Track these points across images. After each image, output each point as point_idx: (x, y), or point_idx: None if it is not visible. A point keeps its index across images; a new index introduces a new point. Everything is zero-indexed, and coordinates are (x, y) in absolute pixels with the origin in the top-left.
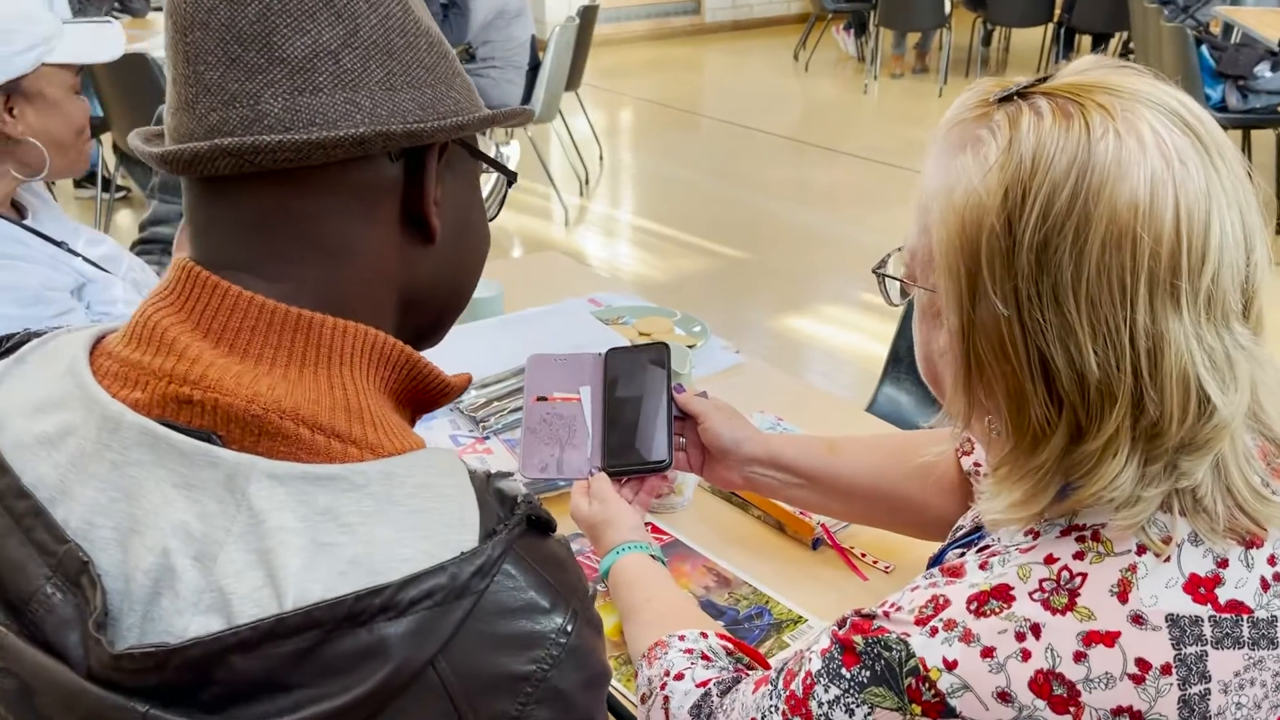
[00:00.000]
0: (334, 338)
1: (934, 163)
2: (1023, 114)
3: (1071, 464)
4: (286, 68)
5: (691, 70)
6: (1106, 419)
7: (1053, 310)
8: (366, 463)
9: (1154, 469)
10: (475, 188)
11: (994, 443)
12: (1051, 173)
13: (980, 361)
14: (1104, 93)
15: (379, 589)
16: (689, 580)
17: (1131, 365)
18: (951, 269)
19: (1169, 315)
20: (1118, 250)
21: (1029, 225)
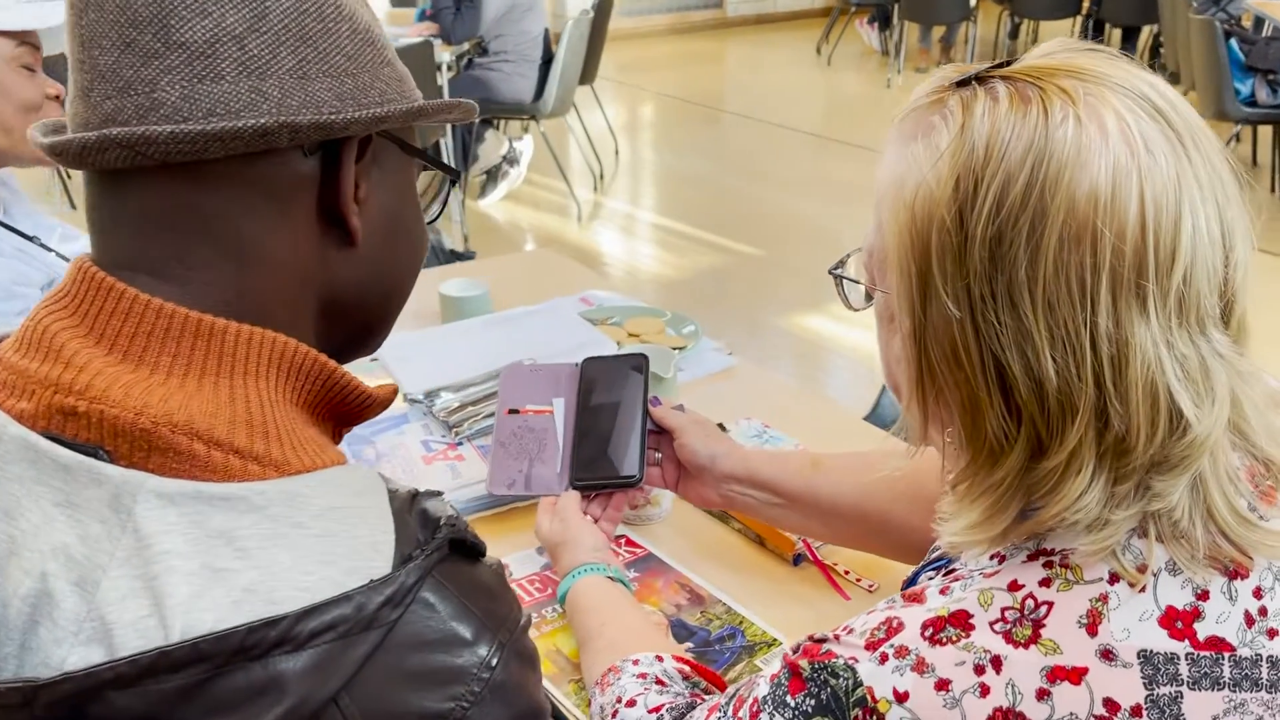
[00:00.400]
0: (238, 345)
1: (888, 154)
2: (978, 99)
3: (1033, 482)
4: (185, 53)
5: (713, 64)
6: (1068, 432)
7: (1007, 312)
8: (269, 481)
9: (1123, 489)
10: (408, 186)
11: (952, 457)
12: (1006, 161)
13: (932, 368)
14: (1067, 76)
15: (275, 620)
16: (660, 597)
17: (1093, 373)
18: (902, 267)
19: (1134, 319)
20: (1076, 246)
21: (981, 218)
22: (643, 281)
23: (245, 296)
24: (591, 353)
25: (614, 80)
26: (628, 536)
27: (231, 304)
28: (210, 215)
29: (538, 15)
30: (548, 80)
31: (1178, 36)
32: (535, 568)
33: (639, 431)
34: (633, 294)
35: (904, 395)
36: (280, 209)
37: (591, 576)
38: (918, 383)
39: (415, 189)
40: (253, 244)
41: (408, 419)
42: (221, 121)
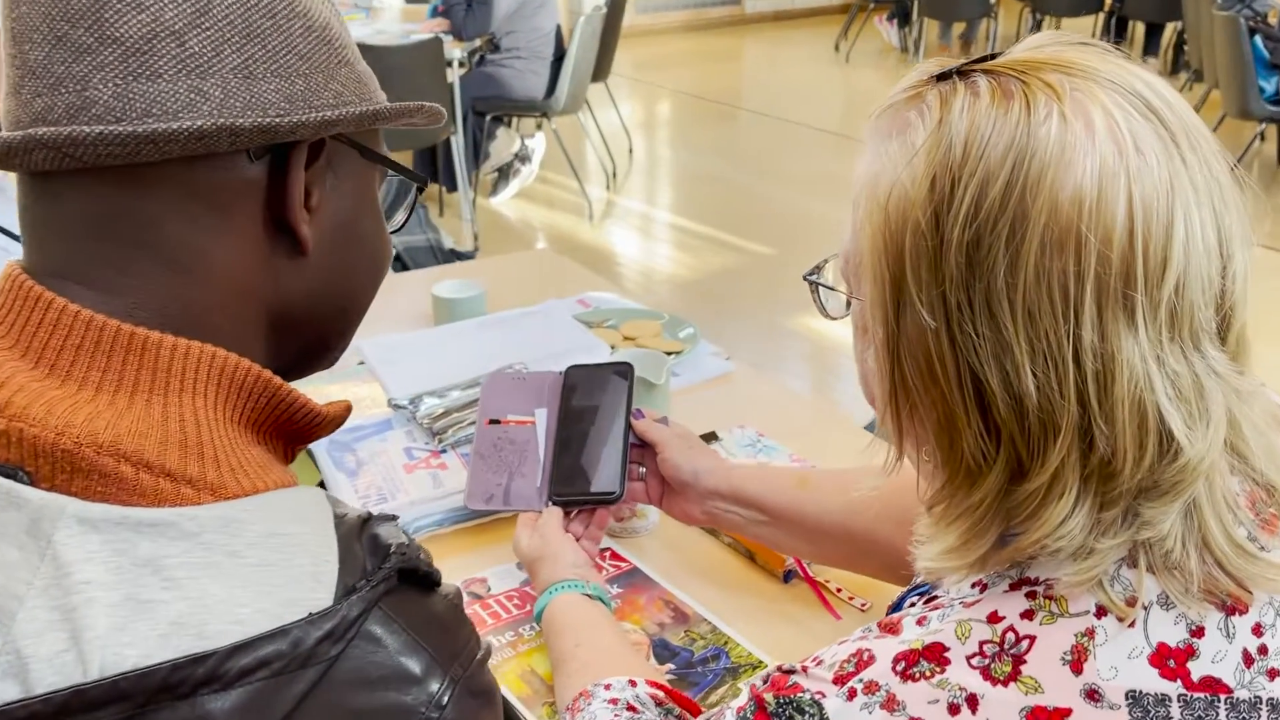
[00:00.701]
0: (174, 360)
1: (864, 153)
2: (957, 93)
3: (1013, 505)
4: (120, 48)
5: (730, 62)
6: (1049, 453)
7: (985, 322)
8: (202, 506)
9: (1109, 515)
10: (368, 193)
11: (928, 476)
12: (985, 160)
13: (906, 382)
14: (1054, 70)
15: (202, 656)
16: (643, 615)
17: (1076, 390)
18: (876, 274)
19: (1121, 332)
20: (1059, 252)
21: (958, 221)
22: (654, 281)
23: (185, 308)
24: (585, 356)
25: (629, 78)
26: (612, 549)
27: (170, 316)
28: (146, 222)
29: (550, 11)
30: (559, 77)
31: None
32: (514, 583)
33: (621, 445)
34: (644, 294)
35: (879, 410)
36: (223, 216)
37: (568, 594)
38: (891, 397)
39: (376, 196)
40: (193, 253)
41: (391, 425)
42: (156, 123)
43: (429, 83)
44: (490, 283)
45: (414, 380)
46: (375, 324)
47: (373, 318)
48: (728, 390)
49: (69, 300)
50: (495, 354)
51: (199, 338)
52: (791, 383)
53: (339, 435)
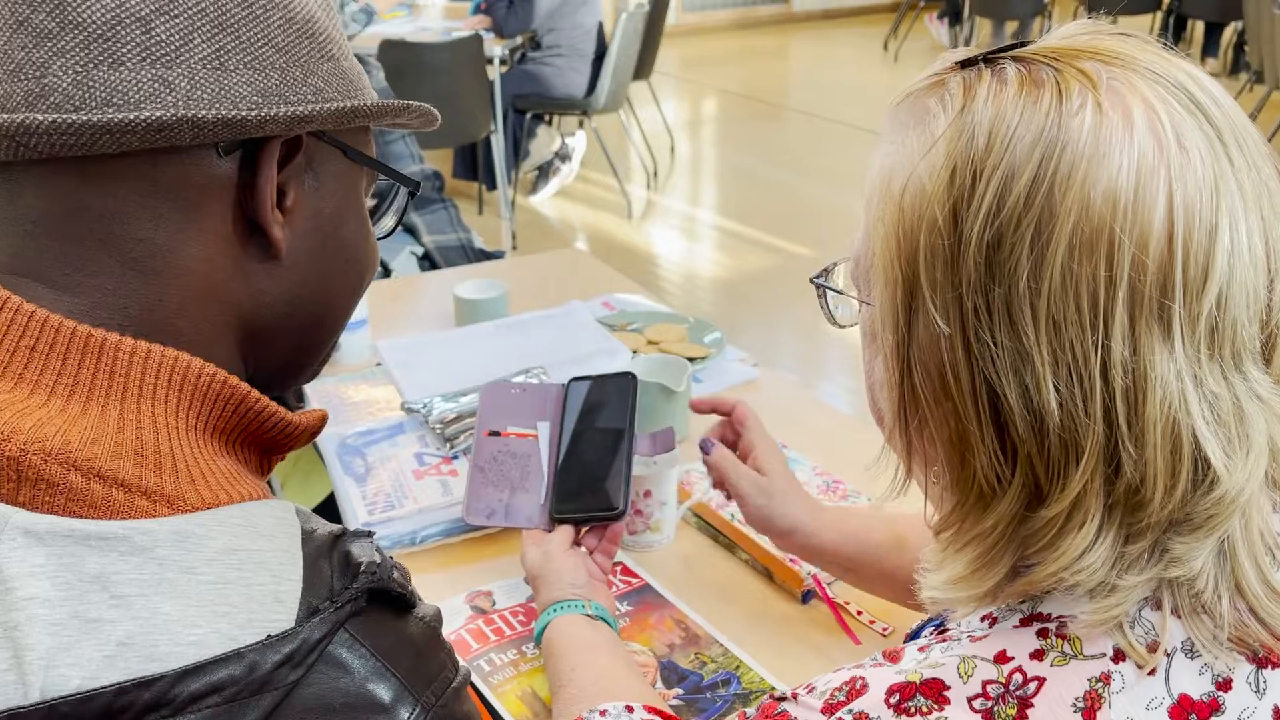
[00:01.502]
0: (132, 364)
1: (880, 146)
2: (982, 80)
3: (1029, 533)
4: (82, 34)
5: (777, 60)
6: (1070, 477)
7: (1005, 330)
8: (157, 520)
9: (1135, 549)
10: (352, 196)
11: (937, 499)
12: (1011, 152)
13: (916, 394)
14: (1090, 58)
15: (150, 680)
16: (653, 634)
17: (1103, 408)
18: (887, 275)
19: (1155, 346)
20: (1089, 255)
21: (978, 218)
22: (691, 282)
23: (148, 310)
24: (605, 360)
25: (674, 76)
26: (624, 564)
27: (131, 318)
28: (107, 218)
29: (592, 8)
30: (600, 75)
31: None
32: (521, 598)
33: (625, 459)
34: (682, 295)
35: (885, 425)
36: (190, 215)
37: (568, 615)
38: (899, 411)
39: (361, 200)
40: (157, 252)
41: (404, 429)
42: (115, 112)
43: (469, 80)
44: (516, 283)
45: (430, 383)
46: (397, 325)
47: (394, 318)
48: (753, 398)
49: (24, 299)
50: (513, 357)
51: (162, 341)
52: (828, 389)
53: (350, 439)
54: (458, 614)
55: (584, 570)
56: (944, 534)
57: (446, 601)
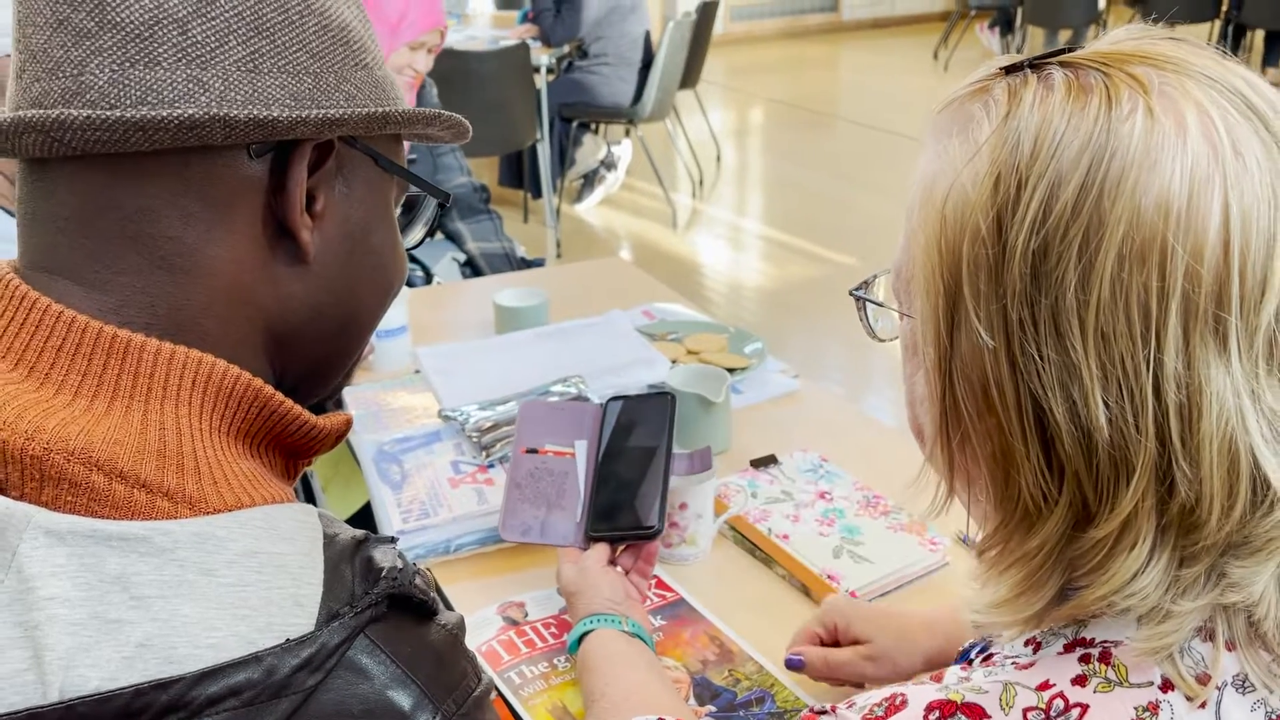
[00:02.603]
0: (156, 365)
1: (923, 156)
2: (1028, 86)
3: (1076, 554)
4: (120, 34)
5: (825, 69)
6: (1120, 497)
7: (1051, 343)
8: (178, 521)
9: (1191, 573)
10: (382, 205)
11: (980, 518)
12: (1058, 159)
13: (958, 409)
14: (1141, 63)
15: (168, 682)
16: (686, 650)
17: (1155, 425)
18: (929, 286)
19: (1211, 360)
20: (1140, 265)
21: (1024, 226)
22: (736, 291)
23: (174, 309)
24: (644, 370)
25: (721, 85)
26: (659, 578)
27: (158, 316)
28: (137, 215)
29: (640, 17)
30: (647, 83)
31: None
32: (553, 610)
33: (661, 478)
34: (727, 304)
35: (927, 442)
36: (219, 215)
37: (603, 630)
38: (941, 426)
39: (391, 209)
40: (186, 251)
41: (440, 437)
42: (149, 110)
43: (515, 89)
44: (558, 291)
45: (467, 390)
46: (437, 332)
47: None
48: (794, 410)
49: (55, 298)
50: (552, 365)
51: (188, 341)
52: (873, 402)
53: (386, 446)
54: (489, 625)
55: (620, 587)
56: (987, 554)
57: (479, 612)
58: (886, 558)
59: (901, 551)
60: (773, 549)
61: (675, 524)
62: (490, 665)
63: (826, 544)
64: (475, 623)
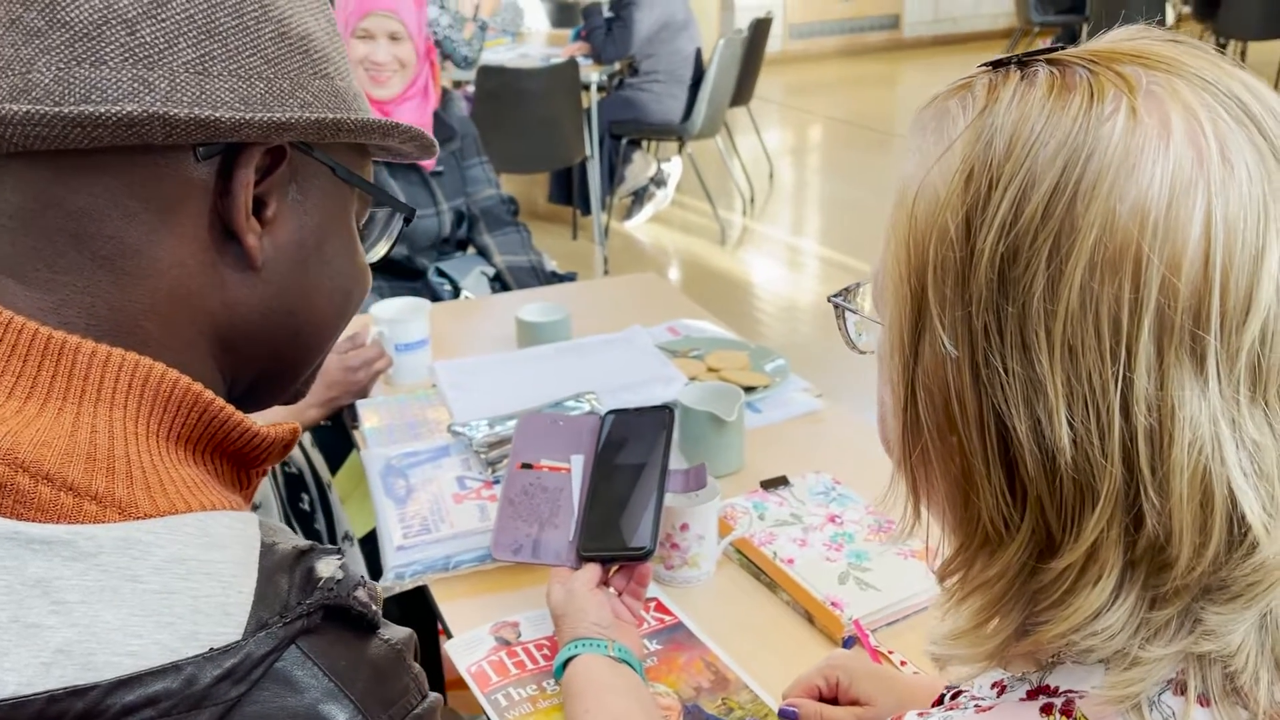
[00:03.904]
0: (91, 367)
1: (903, 157)
2: (1008, 82)
3: (1039, 587)
4: (68, 33)
5: (885, 87)
6: (1085, 525)
7: (1016, 355)
8: (104, 525)
9: (1161, 616)
10: (339, 215)
11: (946, 541)
12: (1032, 157)
13: (919, 424)
14: (1132, 62)
15: (83, 689)
16: (681, 676)
17: (1123, 449)
18: (897, 291)
19: (1186, 382)
20: (1112, 275)
21: (993, 228)
22: (786, 310)
23: (115, 311)
24: (661, 387)
25: (778, 103)
26: (659, 600)
27: (98, 318)
28: (79, 214)
29: (691, 35)
30: (696, 100)
31: None
32: (548, 631)
33: (655, 497)
34: (773, 322)
35: (894, 457)
36: (163, 217)
37: (589, 655)
38: (903, 440)
39: (349, 220)
40: (128, 252)
41: (449, 452)
42: (91, 107)
43: (564, 105)
44: (586, 307)
45: (481, 405)
46: (459, 346)
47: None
48: (813, 430)
49: None
50: (568, 381)
51: (129, 344)
52: None
53: (394, 460)
54: (481, 644)
55: (609, 610)
56: (946, 580)
57: (471, 631)
58: (894, 586)
59: (910, 580)
60: (776, 573)
61: (676, 545)
62: (479, 686)
63: (833, 569)
64: (467, 642)
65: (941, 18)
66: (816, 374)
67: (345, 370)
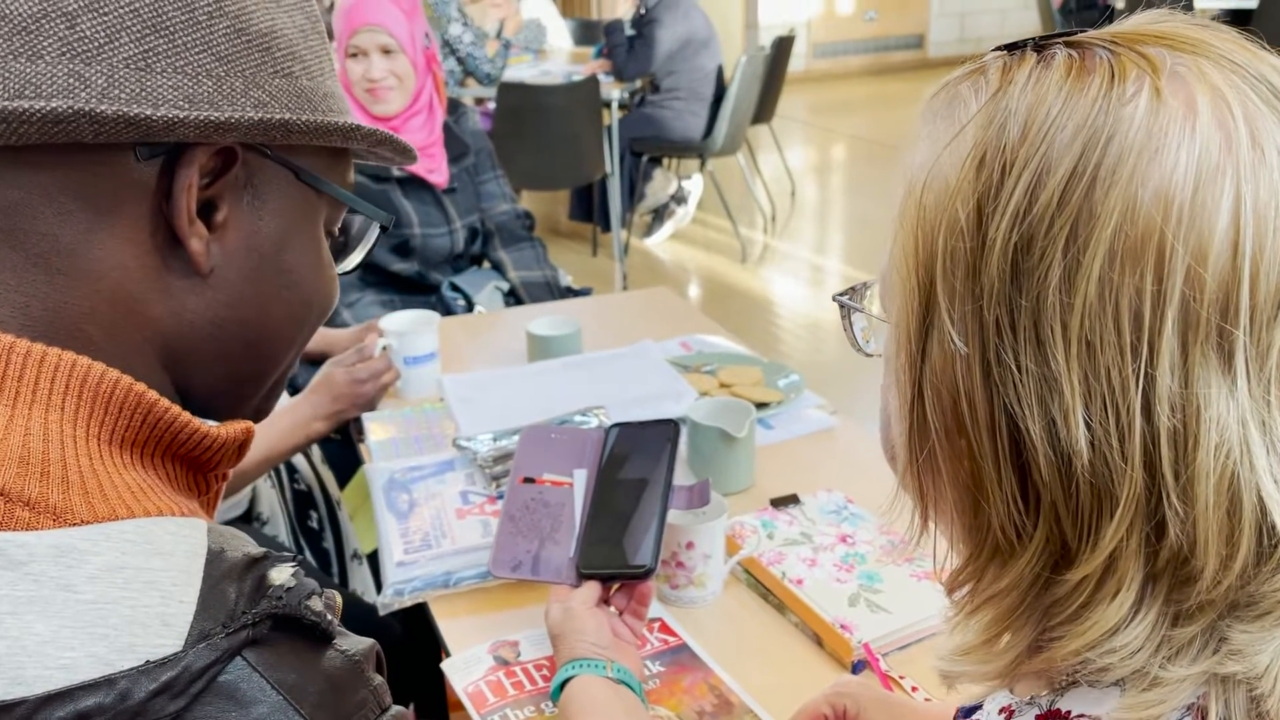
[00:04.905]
0: (25, 367)
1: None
2: (1024, 63)
3: (1053, 600)
4: (6, 26)
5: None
6: (1102, 533)
7: (1030, 351)
8: (35, 532)
9: (1184, 633)
10: (301, 222)
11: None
12: (1049, 142)
13: (926, 427)
14: (1157, 43)
15: (11, 704)
16: (683, 699)
17: (1144, 451)
18: (904, 285)
19: (1212, 380)
20: (1133, 265)
21: (1006, 216)
22: (807, 329)
23: (52, 312)
24: (671, 402)
25: (801, 121)
26: (663, 621)
27: (34, 318)
28: (10, 210)
29: (712, 52)
30: (717, 118)
31: None
32: (549, 650)
33: (658, 514)
34: (792, 339)
35: (899, 465)
36: (101, 217)
37: (586, 676)
38: (909, 445)
39: (314, 227)
40: (63, 251)
41: (453, 466)
42: (22, 102)
43: (585, 122)
44: (599, 321)
45: (488, 419)
46: (470, 360)
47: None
48: (826, 448)
49: None
50: (576, 395)
51: (69, 347)
52: None
53: (398, 474)
54: (479, 664)
55: (608, 629)
56: (955, 593)
57: (469, 650)
58: (907, 608)
59: (923, 603)
60: (785, 594)
61: (682, 564)
62: (475, 707)
63: (843, 590)
64: (464, 661)
65: (966, 38)
66: (838, 393)
67: (352, 383)
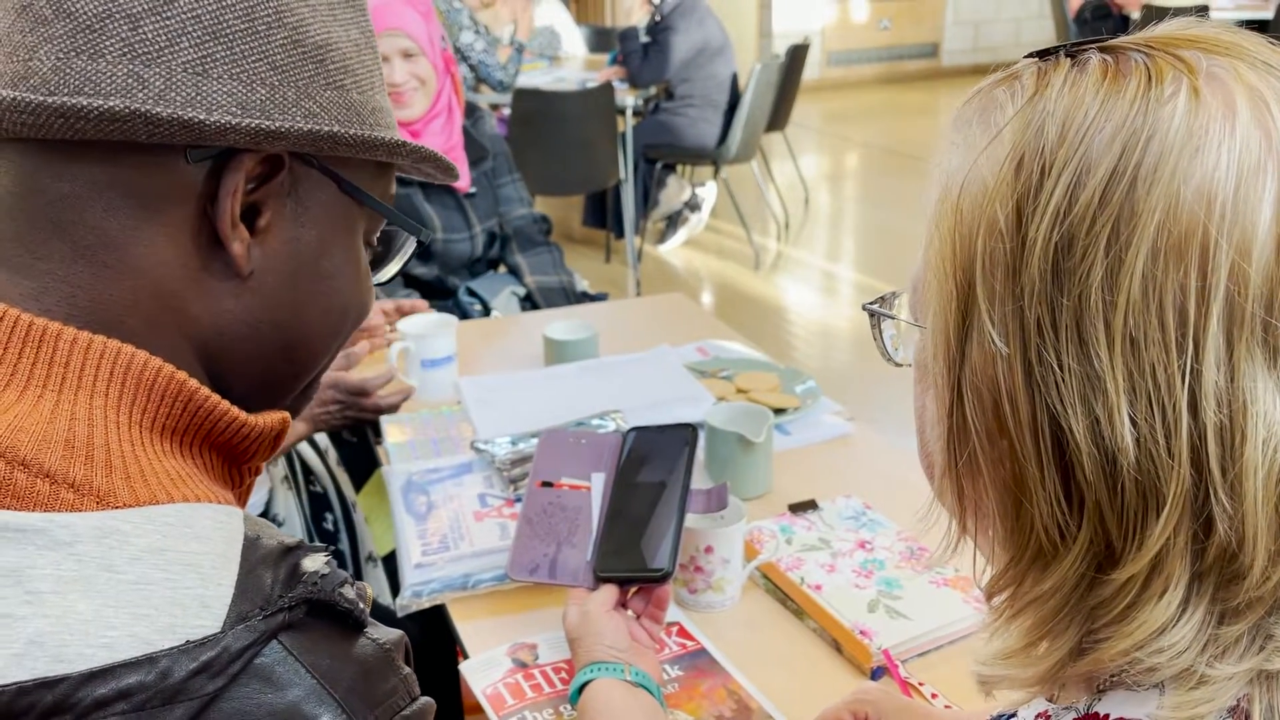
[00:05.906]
0: (73, 354)
1: (945, 150)
2: (1059, 68)
3: (1098, 602)
4: (71, 23)
5: (924, 115)
6: (1149, 533)
7: (1073, 350)
8: (81, 514)
9: (1231, 631)
10: (341, 231)
11: (988, 554)
12: (1087, 142)
13: (966, 429)
14: (1191, 46)
15: (53, 681)
16: (701, 704)
17: (1190, 448)
18: (941, 289)
19: (1258, 375)
20: (1177, 261)
21: (1046, 216)
22: (819, 335)
23: (96, 302)
24: (688, 407)
25: (816, 130)
26: (681, 625)
27: (79, 307)
28: (60, 202)
29: (726, 60)
30: (731, 125)
31: None
32: (567, 653)
33: (675, 517)
34: (805, 346)
35: (935, 472)
36: (148, 215)
37: (606, 679)
38: (948, 448)
39: (353, 237)
40: (109, 245)
41: (471, 469)
42: (78, 98)
43: (599, 129)
44: (615, 326)
45: (505, 422)
46: (484, 363)
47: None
48: (844, 454)
49: None
50: (593, 399)
51: (111, 337)
52: None
53: (415, 476)
54: (497, 666)
55: (625, 632)
56: (997, 597)
57: (487, 652)
58: (926, 615)
59: (943, 609)
60: (803, 599)
61: (700, 569)
62: (494, 709)
63: (862, 596)
64: (483, 663)
65: (980, 47)
66: (850, 399)
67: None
